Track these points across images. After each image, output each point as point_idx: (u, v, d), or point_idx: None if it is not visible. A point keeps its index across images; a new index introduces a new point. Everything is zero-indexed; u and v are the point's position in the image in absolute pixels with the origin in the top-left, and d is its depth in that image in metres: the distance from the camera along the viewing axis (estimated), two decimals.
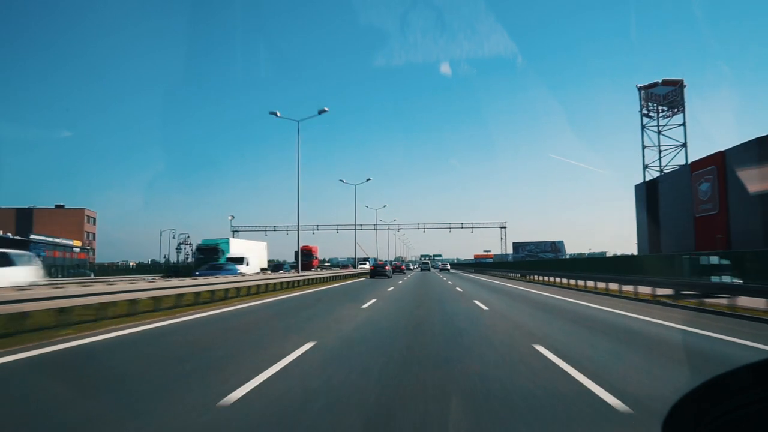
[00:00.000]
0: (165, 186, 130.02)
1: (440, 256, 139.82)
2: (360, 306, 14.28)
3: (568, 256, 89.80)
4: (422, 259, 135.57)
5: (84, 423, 3.97)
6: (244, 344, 8.06)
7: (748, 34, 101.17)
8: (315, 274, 34.55)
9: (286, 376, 5.44)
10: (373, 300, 16.33)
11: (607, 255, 74.37)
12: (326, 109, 32.47)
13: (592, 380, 5.08)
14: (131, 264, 75.98)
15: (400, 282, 31.36)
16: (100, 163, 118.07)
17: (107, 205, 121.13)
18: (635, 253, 50.84)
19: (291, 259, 69.19)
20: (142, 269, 61.83)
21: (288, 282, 25.10)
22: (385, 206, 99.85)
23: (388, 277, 39.79)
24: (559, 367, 5.82)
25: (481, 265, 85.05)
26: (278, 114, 31.34)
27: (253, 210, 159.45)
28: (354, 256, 66.24)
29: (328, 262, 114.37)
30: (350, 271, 49.83)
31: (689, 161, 44.01)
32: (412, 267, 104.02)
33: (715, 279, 15.02)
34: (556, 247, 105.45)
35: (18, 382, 5.63)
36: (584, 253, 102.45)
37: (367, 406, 4.37)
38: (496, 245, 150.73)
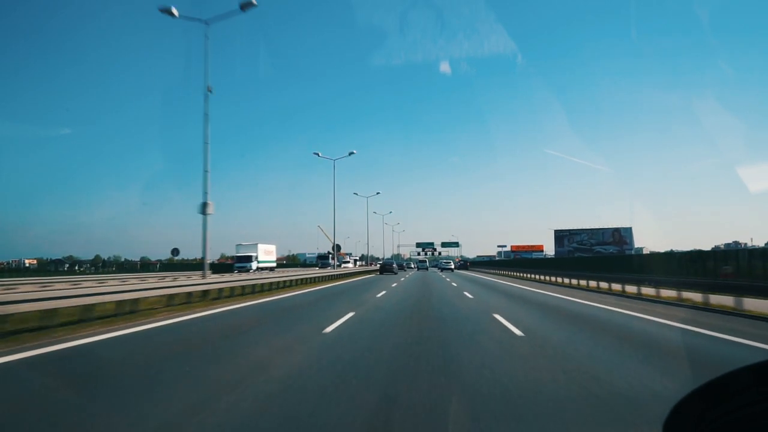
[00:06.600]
0: (163, 187, 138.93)
1: (456, 245, 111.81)
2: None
3: (635, 251, 70.47)
4: (419, 253, 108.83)
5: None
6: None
7: (750, 36, 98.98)
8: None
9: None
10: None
11: None
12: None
13: None
14: (27, 263, 77.16)
15: (402, 279, 38.28)
16: (100, 163, 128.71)
17: (105, 204, 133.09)
18: None
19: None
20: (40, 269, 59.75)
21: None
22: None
23: (395, 273, 49.91)
24: None
25: (523, 264, 53.53)
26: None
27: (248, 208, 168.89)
28: (332, 251, 55.01)
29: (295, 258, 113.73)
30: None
31: None
32: (413, 265, 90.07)
33: None
34: (621, 236, 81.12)
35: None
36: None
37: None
38: (532, 237, 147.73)
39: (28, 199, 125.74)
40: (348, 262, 75.74)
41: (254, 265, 55.68)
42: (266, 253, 62.41)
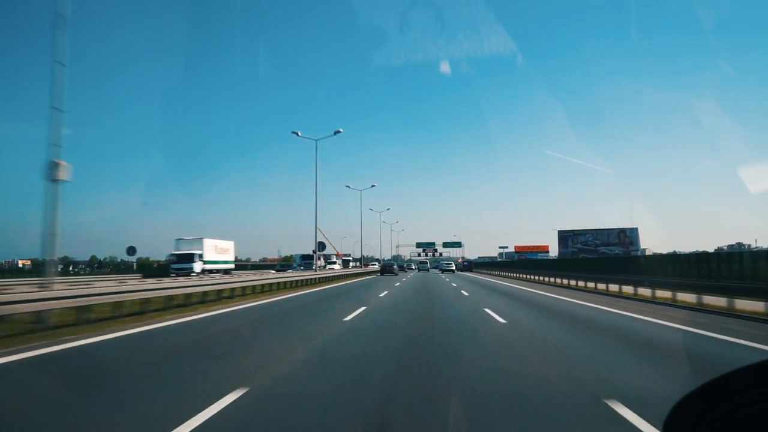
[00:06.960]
0: (164, 186, 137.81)
1: (459, 245, 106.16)
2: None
3: (641, 253, 67.13)
4: (420, 253, 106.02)
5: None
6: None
7: (751, 36, 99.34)
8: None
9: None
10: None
11: None
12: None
13: None
14: (21, 263, 73.66)
15: (397, 284, 38.36)
16: (100, 163, 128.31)
17: (104, 204, 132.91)
18: None
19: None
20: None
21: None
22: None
23: (395, 275, 51.78)
24: None
25: (530, 265, 48.94)
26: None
27: (248, 209, 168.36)
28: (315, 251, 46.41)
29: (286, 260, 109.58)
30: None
31: None
32: (414, 266, 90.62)
33: None
34: (627, 237, 79.61)
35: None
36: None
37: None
38: (533, 238, 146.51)
39: (28, 200, 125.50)
40: (335, 262, 68.35)
41: (197, 266, 43.80)
42: (218, 251, 49.70)
